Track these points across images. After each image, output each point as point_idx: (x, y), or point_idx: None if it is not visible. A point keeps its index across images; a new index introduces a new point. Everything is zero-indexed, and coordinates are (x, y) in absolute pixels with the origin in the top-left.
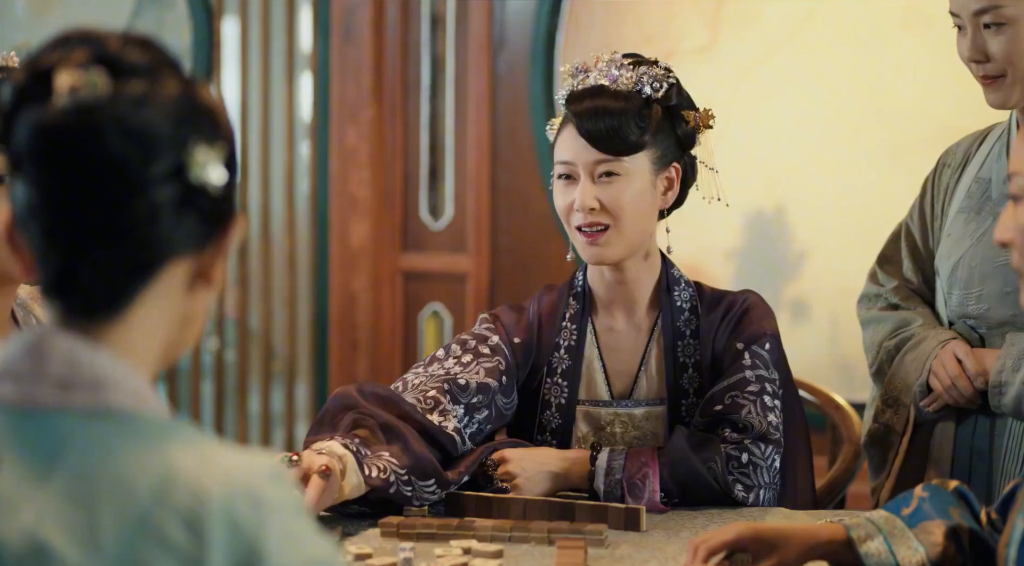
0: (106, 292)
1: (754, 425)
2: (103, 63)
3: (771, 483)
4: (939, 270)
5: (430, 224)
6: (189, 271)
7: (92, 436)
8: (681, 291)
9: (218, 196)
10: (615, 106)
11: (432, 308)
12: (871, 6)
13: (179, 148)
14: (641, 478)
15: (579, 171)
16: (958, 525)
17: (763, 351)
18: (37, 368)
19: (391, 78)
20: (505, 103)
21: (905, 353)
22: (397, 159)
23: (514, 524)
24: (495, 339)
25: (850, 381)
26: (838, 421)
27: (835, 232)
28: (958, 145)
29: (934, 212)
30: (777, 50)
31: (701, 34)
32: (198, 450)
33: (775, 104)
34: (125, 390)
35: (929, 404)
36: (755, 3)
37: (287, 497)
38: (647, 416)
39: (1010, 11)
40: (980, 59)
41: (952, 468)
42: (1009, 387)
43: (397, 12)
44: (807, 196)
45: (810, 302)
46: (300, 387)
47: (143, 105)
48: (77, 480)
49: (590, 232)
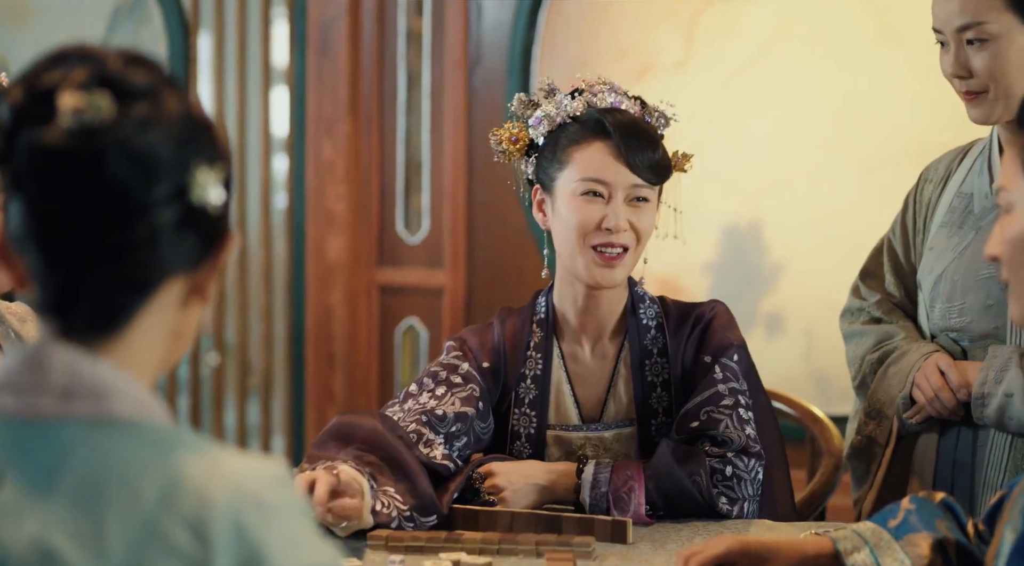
0: (105, 311)
1: (733, 439)
2: (106, 84)
3: (755, 495)
4: (921, 284)
5: (406, 238)
6: (184, 287)
7: (96, 444)
8: (647, 309)
9: (216, 215)
10: (645, 128)
11: (408, 322)
12: (845, 22)
13: (182, 171)
14: (627, 491)
15: (614, 192)
16: (944, 537)
17: (732, 363)
18: (38, 379)
19: (367, 92)
20: (481, 118)
21: (888, 366)
22: (373, 173)
23: (502, 537)
24: (465, 367)
25: (826, 394)
26: (817, 434)
27: (810, 246)
28: (940, 160)
29: (916, 226)
30: (752, 65)
31: (677, 49)
32: (203, 456)
33: (750, 119)
34: (127, 399)
35: (912, 416)
36: (730, 18)
37: (291, 501)
38: (617, 438)
39: (993, 27)
40: (963, 75)
41: (935, 480)
42: (991, 399)
43: (373, 27)
44: (783, 210)
45: (786, 315)
46: (276, 401)
47: (147, 129)
48: (82, 487)
49: (610, 254)
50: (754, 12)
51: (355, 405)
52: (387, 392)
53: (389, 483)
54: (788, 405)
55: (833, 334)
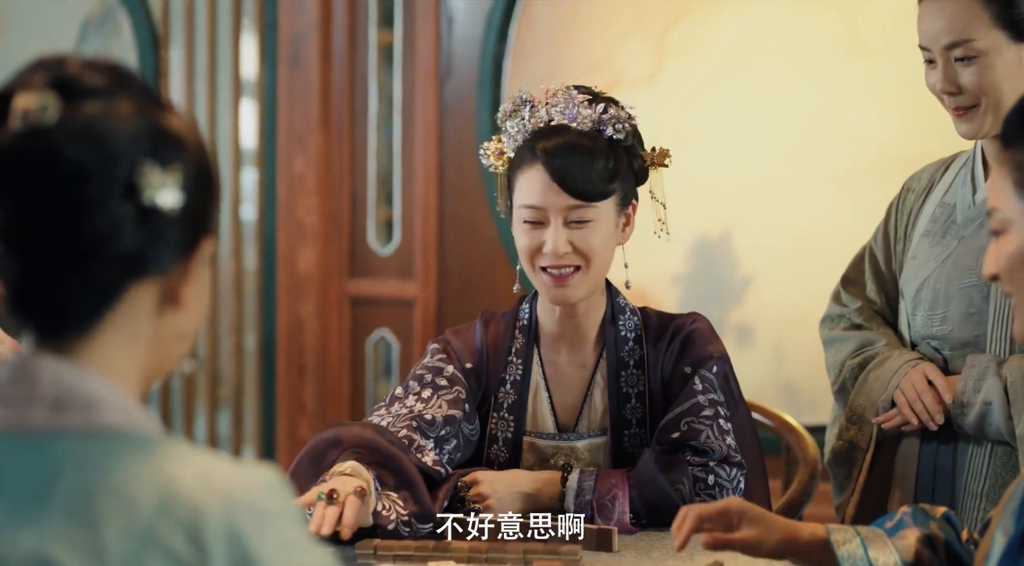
0: (68, 313)
1: (715, 449)
2: (58, 86)
3: None
4: (903, 291)
5: (377, 250)
6: (156, 293)
7: (89, 455)
8: (626, 320)
9: (178, 218)
10: (584, 148)
11: (379, 334)
12: (815, 35)
13: (128, 170)
14: (611, 499)
15: (549, 216)
16: (934, 534)
17: (711, 374)
18: (27, 391)
19: (338, 105)
20: (452, 130)
21: (869, 371)
22: (344, 185)
23: (490, 545)
24: (450, 369)
25: (794, 405)
26: (792, 443)
27: (780, 258)
28: (923, 171)
29: (897, 235)
30: (722, 78)
31: (647, 62)
32: (196, 464)
33: (720, 131)
34: (116, 409)
35: (885, 421)
36: (700, 31)
37: (285, 507)
38: (589, 448)
39: (981, 44)
40: (953, 91)
41: (916, 485)
42: (971, 408)
43: (344, 39)
44: (752, 222)
45: (755, 327)
46: (247, 412)
47: (90, 127)
48: (77, 499)
49: (558, 274)
50: (725, 25)
51: (326, 416)
52: (358, 403)
53: (390, 488)
54: (763, 415)
55: (802, 346)
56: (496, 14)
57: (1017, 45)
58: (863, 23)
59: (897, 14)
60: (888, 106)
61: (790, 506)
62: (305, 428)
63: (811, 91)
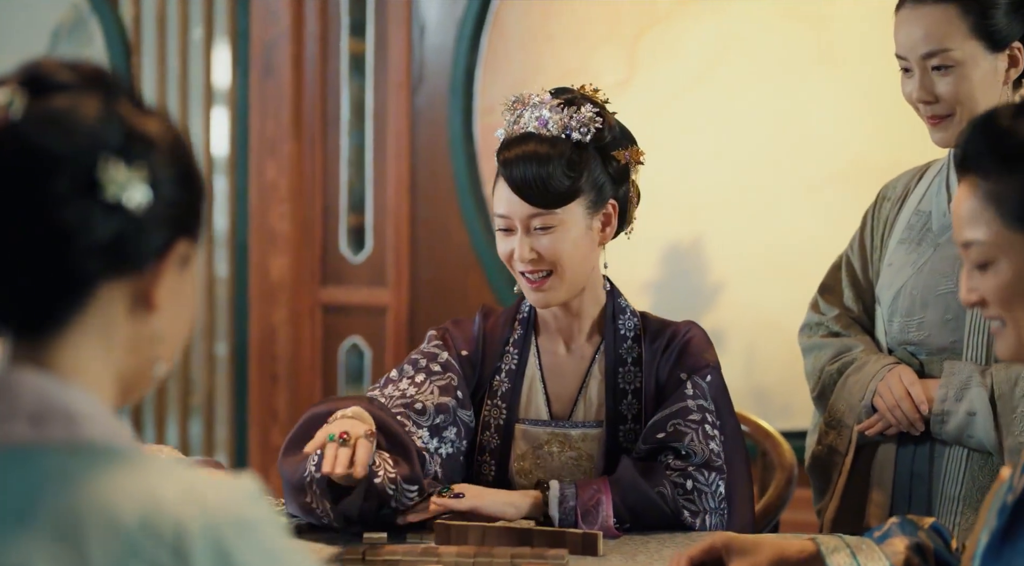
0: (36, 311)
1: (697, 452)
2: (27, 83)
3: (717, 508)
4: (880, 298)
5: (349, 258)
6: (128, 295)
7: (71, 470)
8: (626, 321)
9: (148, 218)
10: (541, 156)
11: (352, 341)
12: (785, 44)
13: (91, 164)
14: (594, 504)
15: (515, 224)
16: (923, 542)
17: (704, 382)
18: (8, 405)
19: (310, 113)
20: (424, 138)
21: (848, 376)
22: (317, 193)
23: (477, 550)
24: (444, 356)
25: (766, 410)
26: (769, 448)
27: (751, 264)
28: (898, 179)
29: (873, 243)
30: (694, 86)
31: (619, 69)
32: (177, 478)
33: (692, 139)
34: (97, 423)
35: (867, 428)
36: (672, 39)
37: (266, 516)
38: (583, 437)
39: (958, 54)
40: (929, 100)
41: (893, 490)
42: (952, 416)
43: (316, 48)
44: (723, 229)
45: (726, 333)
46: (219, 420)
47: (55, 120)
48: (61, 515)
49: (533, 279)
50: (696, 33)
51: None
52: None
53: (383, 448)
54: (740, 421)
55: (773, 351)
56: (468, 22)
57: (993, 55)
58: (833, 32)
59: (866, 24)
60: (858, 114)
61: (767, 511)
62: (277, 436)
63: (782, 99)
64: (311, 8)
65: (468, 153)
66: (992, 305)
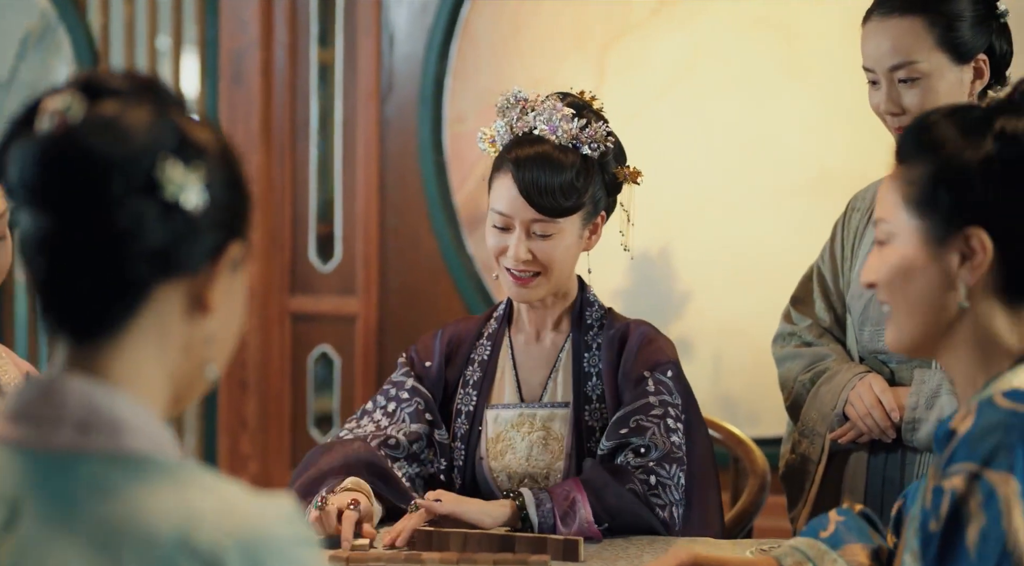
0: (96, 313)
1: (658, 445)
2: (83, 88)
3: (680, 499)
4: (851, 308)
5: (319, 266)
6: (184, 296)
7: (112, 480)
8: (594, 312)
9: (203, 219)
10: (555, 162)
11: (321, 349)
12: (754, 56)
13: (150, 165)
14: (571, 505)
15: (515, 223)
16: (879, 547)
17: (666, 378)
18: (56, 411)
19: (280, 122)
20: (393, 147)
21: (820, 385)
22: (286, 202)
23: (460, 556)
24: (410, 382)
25: (733, 418)
26: (741, 455)
27: (718, 273)
28: (867, 190)
29: (844, 254)
30: (663, 96)
31: (587, 80)
32: (216, 494)
33: (660, 148)
34: (142, 434)
35: (839, 436)
36: (641, 50)
37: (302, 538)
38: (550, 417)
39: (924, 66)
40: (896, 111)
41: (865, 496)
42: (923, 424)
43: (285, 57)
44: (691, 238)
45: (693, 341)
46: (188, 428)
47: (113, 123)
48: (100, 527)
49: (519, 276)
50: (665, 44)
51: (268, 433)
52: (300, 420)
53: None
54: (712, 428)
55: (740, 359)
56: (437, 32)
57: (959, 67)
58: (800, 45)
59: (833, 37)
60: (825, 125)
61: (740, 518)
62: (246, 444)
63: (749, 110)
64: (280, 17)
65: (437, 162)
66: (881, 287)
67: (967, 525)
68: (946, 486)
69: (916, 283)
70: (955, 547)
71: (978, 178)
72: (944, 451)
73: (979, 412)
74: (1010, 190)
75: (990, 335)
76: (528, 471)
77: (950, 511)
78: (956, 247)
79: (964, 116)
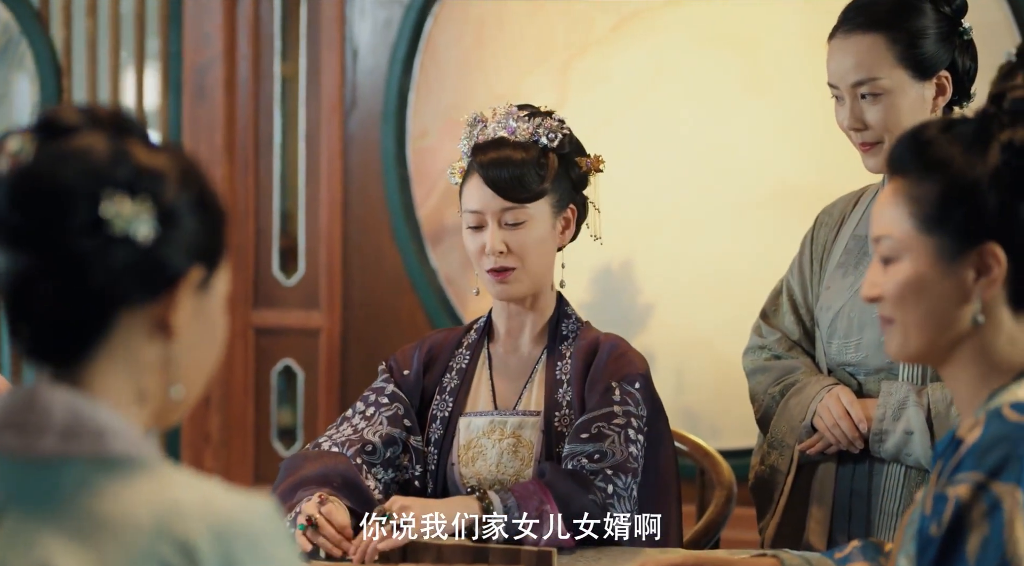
0: (61, 342)
1: (615, 453)
2: (37, 129)
3: (633, 510)
4: (819, 321)
5: (282, 280)
6: (148, 320)
7: (96, 480)
8: (570, 324)
9: (156, 248)
10: (516, 157)
11: (284, 363)
12: (713, 70)
13: (95, 202)
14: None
15: (487, 218)
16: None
17: (633, 389)
18: (40, 419)
19: (243, 136)
20: (357, 161)
21: (789, 398)
22: (249, 216)
23: None
24: (390, 388)
25: (695, 430)
26: (708, 467)
27: (681, 285)
28: (834, 205)
29: (812, 267)
30: (624, 111)
31: (549, 94)
32: (197, 490)
33: (623, 162)
34: (124, 438)
35: (808, 448)
36: (603, 65)
37: (278, 534)
38: (520, 424)
39: (886, 82)
40: (859, 127)
41: (833, 507)
42: (889, 435)
43: (249, 71)
44: (654, 251)
45: (656, 353)
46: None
47: (59, 160)
48: (83, 518)
49: (498, 271)
50: (626, 59)
51: (231, 447)
52: (263, 433)
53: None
54: (679, 440)
55: (702, 372)
56: (401, 47)
57: (920, 84)
58: (761, 60)
59: (793, 53)
60: (787, 139)
61: (708, 530)
62: (210, 458)
63: (711, 125)
64: (243, 31)
65: (401, 176)
66: (887, 302)
67: (969, 534)
68: (950, 493)
69: (928, 299)
70: (955, 554)
71: (990, 193)
72: (950, 460)
73: (987, 423)
74: (1021, 202)
75: (997, 346)
76: (497, 477)
77: (953, 518)
78: (971, 262)
79: (960, 130)
